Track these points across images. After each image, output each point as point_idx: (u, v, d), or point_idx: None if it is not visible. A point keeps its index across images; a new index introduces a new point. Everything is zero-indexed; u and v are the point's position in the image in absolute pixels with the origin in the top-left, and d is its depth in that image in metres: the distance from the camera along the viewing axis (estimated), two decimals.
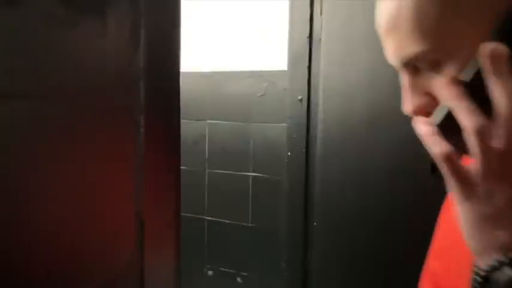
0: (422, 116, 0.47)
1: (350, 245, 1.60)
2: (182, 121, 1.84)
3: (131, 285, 0.50)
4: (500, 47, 0.38)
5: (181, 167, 1.90)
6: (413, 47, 0.43)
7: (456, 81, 0.41)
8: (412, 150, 1.41)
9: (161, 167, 0.55)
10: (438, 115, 0.43)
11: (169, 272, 0.58)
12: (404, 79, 0.47)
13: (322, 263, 1.68)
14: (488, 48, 0.38)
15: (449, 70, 0.43)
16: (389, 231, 1.51)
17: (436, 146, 0.41)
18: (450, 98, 0.41)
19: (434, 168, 0.63)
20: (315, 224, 1.66)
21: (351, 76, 1.53)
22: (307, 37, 1.59)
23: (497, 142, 0.38)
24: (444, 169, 0.41)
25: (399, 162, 1.47)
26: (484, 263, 0.40)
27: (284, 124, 1.75)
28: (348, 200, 1.58)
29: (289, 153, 1.72)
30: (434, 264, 0.63)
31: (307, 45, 1.60)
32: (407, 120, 0.47)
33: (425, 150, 0.42)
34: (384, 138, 1.49)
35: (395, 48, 0.45)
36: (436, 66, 0.44)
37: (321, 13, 1.56)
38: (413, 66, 0.46)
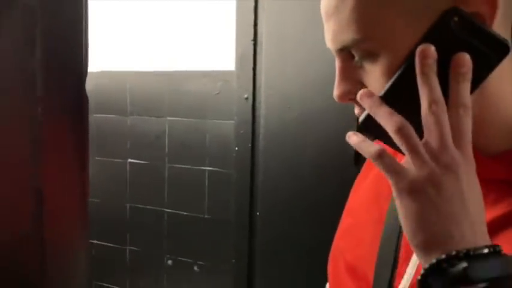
0: (349, 102, 0.49)
1: (287, 229, 1.73)
2: (144, 118, 1.93)
3: (31, 253, 0.57)
4: (430, 48, 0.40)
5: (143, 162, 1.99)
6: (348, 34, 0.44)
7: (371, 91, 0.44)
8: (339, 145, 1.54)
9: (63, 150, 0.65)
10: (364, 115, 0.45)
11: (73, 245, 0.67)
12: (338, 64, 0.48)
13: (265, 249, 1.81)
14: (419, 48, 0.41)
15: (383, 62, 0.44)
16: (319, 215, 1.64)
17: (367, 149, 0.42)
18: (368, 107, 0.43)
19: (357, 160, 0.74)
20: (258, 213, 1.78)
21: (288, 76, 1.67)
22: (252, 40, 1.73)
23: (426, 134, 0.40)
24: (380, 168, 0.41)
25: (328, 155, 1.60)
26: (430, 259, 0.38)
27: (233, 121, 1.87)
28: (285, 188, 1.71)
29: (236, 148, 1.84)
30: (341, 241, 0.68)
31: (251, 48, 1.73)
32: (337, 117, 0.49)
33: (350, 145, 0.44)
34: (316, 133, 1.63)
35: (332, 33, 0.46)
36: (370, 56, 0.44)
37: (263, 19, 1.70)
38: (348, 52, 0.46)
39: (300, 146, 1.67)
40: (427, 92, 0.40)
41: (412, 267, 0.52)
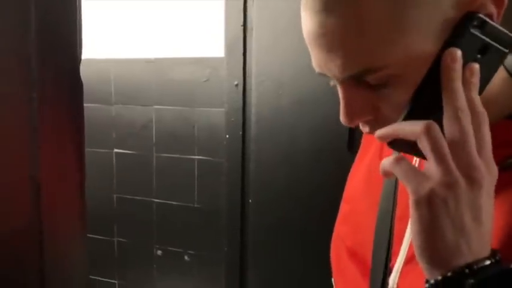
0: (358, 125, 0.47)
1: (280, 217, 1.73)
2: (129, 107, 1.89)
3: (29, 243, 0.55)
4: (457, 52, 0.40)
5: (130, 152, 1.96)
6: (360, 65, 0.42)
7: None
8: (332, 130, 1.54)
9: (59, 138, 0.62)
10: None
11: (71, 235, 0.65)
12: (345, 91, 0.45)
13: (258, 237, 1.80)
14: (446, 52, 0.40)
15: (403, 84, 0.42)
16: (313, 202, 1.64)
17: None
18: (392, 133, 0.42)
19: (350, 145, 0.74)
20: (250, 201, 1.77)
21: (279, 62, 1.65)
22: (241, 25, 1.69)
23: (450, 143, 0.38)
24: (398, 174, 0.40)
25: (322, 141, 1.60)
26: (434, 272, 0.38)
27: (223, 109, 1.85)
28: (278, 176, 1.70)
29: (227, 136, 1.82)
30: (341, 228, 0.68)
31: (241, 33, 1.70)
32: (330, 102, 0.46)
33: (343, 130, 0.44)
34: (308, 119, 1.62)
35: (340, 64, 0.43)
36: (387, 80, 0.42)
37: (253, 3, 1.67)
38: (356, 79, 0.44)
39: (292, 132, 1.66)
40: (453, 99, 0.39)
41: (405, 246, 0.53)
